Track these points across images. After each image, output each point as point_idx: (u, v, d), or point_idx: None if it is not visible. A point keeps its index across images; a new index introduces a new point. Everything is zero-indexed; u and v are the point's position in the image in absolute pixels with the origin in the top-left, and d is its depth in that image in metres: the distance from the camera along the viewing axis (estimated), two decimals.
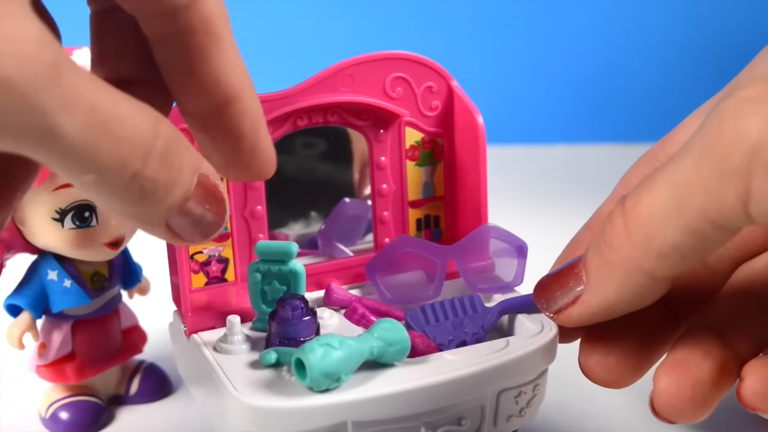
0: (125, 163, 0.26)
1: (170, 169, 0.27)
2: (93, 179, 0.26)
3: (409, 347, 0.33)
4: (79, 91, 0.25)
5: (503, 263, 0.40)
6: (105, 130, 0.25)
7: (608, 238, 0.30)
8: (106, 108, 0.25)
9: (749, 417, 0.43)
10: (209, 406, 0.37)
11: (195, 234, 0.29)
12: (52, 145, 0.24)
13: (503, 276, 0.39)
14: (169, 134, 0.27)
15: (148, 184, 0.26)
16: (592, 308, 0.32)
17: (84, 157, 0.25)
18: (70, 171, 0.26)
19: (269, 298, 0.37)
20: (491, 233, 0.39)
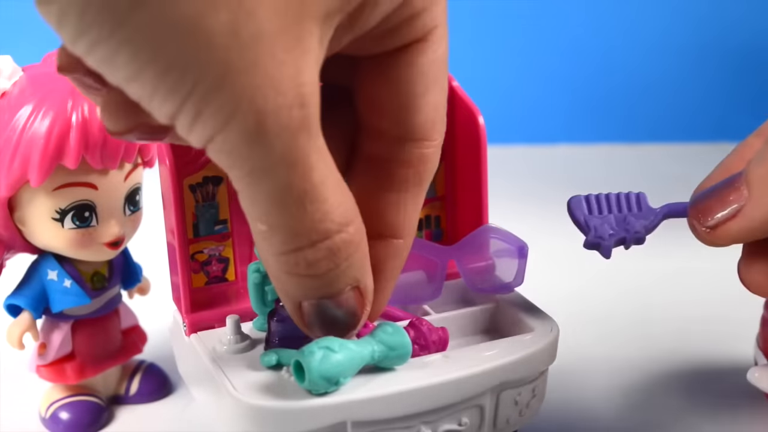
0: (297, 235, 0.27)
1: (335, 268, 0.28)
2: (263, 231, 0.27)
3: (410, 352, 0.33)
4: (308, 158, 0.26)
5: (503, 263, 0.39)
6: (300, 200, 0.26)
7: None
8: (317, 184, 0.27)
9: (750, 417, 0.43)
10: (209, 406, 0.37)
11: (315, 327, 0.30)
12: (253, 185, 0.26)
13: (503, 276, 0.39)
14: (356, 237, 0.28)
15: (303, 264, 0.28)
16: (754, 222, 0.31)
17: (269, 209, 0.27)
18: (252, 210, 0.27)
19: (270, 298, 0.37)
20: (491, 233, 0.39)
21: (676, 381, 0.46)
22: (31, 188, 0.38)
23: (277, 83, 0.25)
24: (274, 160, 0.26)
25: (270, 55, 0.24)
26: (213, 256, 0.38)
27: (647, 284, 0.59)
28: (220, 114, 0.24)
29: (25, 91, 0.38)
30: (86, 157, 0.37)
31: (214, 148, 0.26)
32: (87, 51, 0.24)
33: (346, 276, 0.29)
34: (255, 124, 0.25)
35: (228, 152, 0.26)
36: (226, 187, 0.38)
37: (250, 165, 0.26)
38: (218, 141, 0.25)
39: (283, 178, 0.26)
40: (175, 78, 0.24)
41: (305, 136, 0.26)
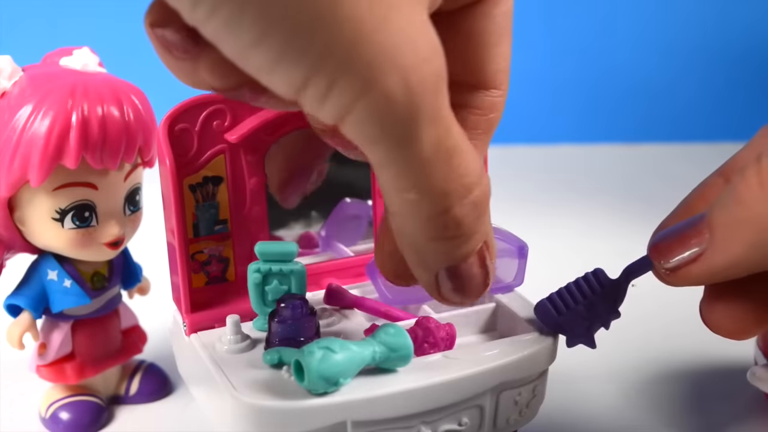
0: (447, 195, 0.27)
1: (475, 220, 0.28)
2: (413, 199, 0.26)
3: (411, 354, 0.33)
4: (446, 112, 0.25)
5: (504, 263, 0.39)
6: (447, 157, 0.26)
7: (740, 194, 0.29)
8: (457, 138, 0.26)
9: (750, 417, 0.43)
10: (209, 406, 0.37)
11: (453, 293, 0.30)
12: (402, 150, 0.25)
13: (504, 276, 0.39)
14: (486, 188, 0.28)
15: (453, 224, 0.27)
16: (715, 267, 0.30)
17: (420, 173, 0.26)
18: (399, 182, 0.26)
19: (270, 298, 0.37)
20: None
21: (676, 381, 0.46)
22: (31, 188, 0.38)
23: (412, 37, 0.24)
24: (422, 120, 0.24)
25: (396, 8, 0.23)
26: (213, 256, 0.38)
27: (647, 284, 0.59)
28: (360, 78, 0.23)
29: (25, 91, 0.38)
30: (86, 157, 0.37)
31: (352, 120, 0.24)
32: (209, 12, 0.22)
33: (481, 233, 0.29)
34: (401, 84, 0.23)
35: (369, 123, 0.24)
36: (226, 187, 0.38)
37: (397, 131, 0.24)
38: (359, 110, 0.24)
39: (432, 138, 0.25)
40: (305, 40, 0.22)
41: (444, 89, 0.25)
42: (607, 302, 0.35)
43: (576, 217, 0.76)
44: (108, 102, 0.38)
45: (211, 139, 0.37)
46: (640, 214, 0.72)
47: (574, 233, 0.71)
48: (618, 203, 0.79)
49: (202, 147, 0.37)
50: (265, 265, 0.36)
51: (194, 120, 0.36)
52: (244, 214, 0.38)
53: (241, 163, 0.38)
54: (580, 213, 0.76)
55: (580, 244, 0.68)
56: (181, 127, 0.36)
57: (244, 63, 0.24)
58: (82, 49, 0.41)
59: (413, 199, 0.26)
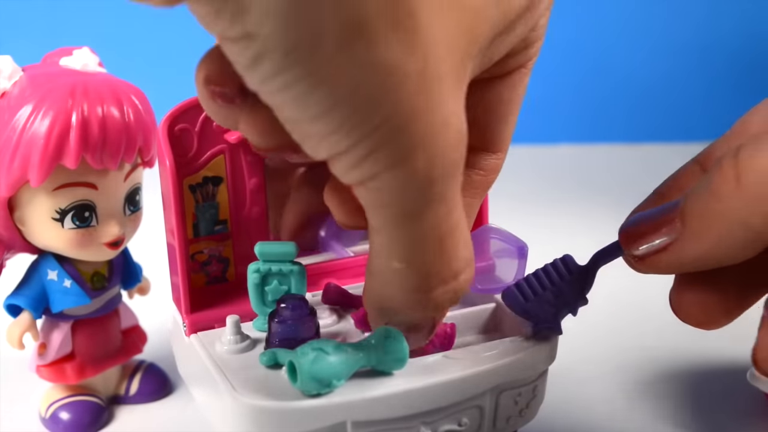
0: (433, 275, 0.28)
1: (451, 304, 0.29)
2: (398, 269, 0.28)
3: (407, 357, 0.33)
4: (453, 194, 0.27)
5: (503, 263, 0.39)
6: (442, 238, 0.27)
7: (716, 186, 0.29)
8: (456, 220, 0.27)
9: (749, 417, 0.43)
10: (209, 406, 0.37)
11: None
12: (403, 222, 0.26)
13: (504, 277, 0.39)
14: (471, 276, 0.29)
15: (431, 305, 0.29)
16: (685, 258, 0.30)
17: (412, 247, 0.27)
18: (390, 250, 0.27)
19: (270, 298, 0.37)
20: (491, 233, 0.39)
21: (676, 381, 0.46)
22: (31, 188, 0.38)
23: (447, 122, 0.25)
24: (429, 200, 0.26)
25: (443, 96, 0.25)
26: (213, 256, 0.38)
27: (647, 284, 0.59)
28: (396, 153, 0.25)
29: (25, 91, 0.38)
30: (86, 157, 0.37)
31: (369, 187, 0.25)
32: (280, 87, 0.24)
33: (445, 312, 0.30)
34: (426, 164, 0.25)
35: (386, 191, 0.25)
36: (226, 187, 0.38)
37: (405, 204, 0.26)
38: (382, 179, 0.25)
39: (432, 219, 0.26)
40: (363, 116, 0.24)
41: (458, 176, 0.27)
42: (576, 289, 0.35)
43: (576, 217, 0.76)
44: (108, 102, 0.38)
45: (211, 139, 0.37)
46: None
47: (574, 233, 0.71)
48: (617, 203, 0.78)
49: (202, 147, 0.37)
50: (265, 265, 0.36)
51: (194, 120, 0.36)
52: (244, 214, 0.38)
53: (241, 164, 0.38)
54: (580, 213, 0.76)
55: (580, 243, 0.68)
56: (181, 127, 0.36)
57: (295, 130, 0.25)
58: (82, 49, 0.41)
59: (398, 269, 0.28)
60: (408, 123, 0.24)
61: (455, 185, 0.27)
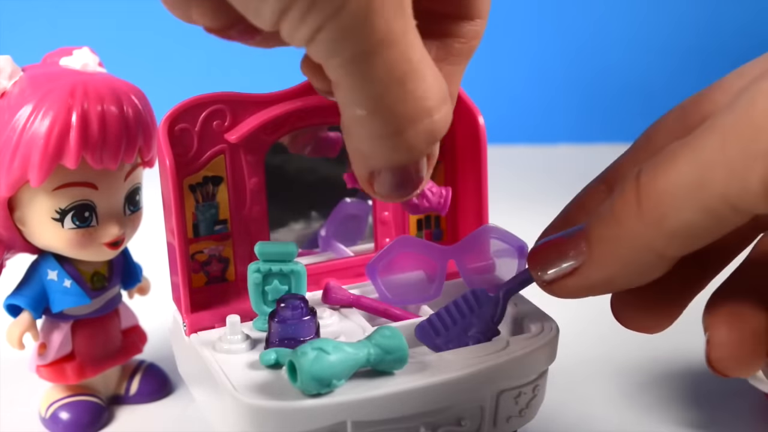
0: (400, 117, 0.28)
1: (425, 147, 0.29)
2: (361, 115, 0.28)
3: (407, 357, 0.33)
4: (404, 38, 0.27)
5: (503, 263, 0.39)
6: (401, 81, 0.27)
7: (617, 211, 0.28)
8: (416, 64, 0.27)
9: (750, 417, 0.43)
10: (209, 406, 0.37)
11: (386, 193, 0.31)
12: (355, 67, 0.27)
13: (504, 276, 0.39)
14: (447, 116, 0.29)
15: (403, 147, 0.28)
16: (591, 282, 0.30)
17: (370, 92, 0.27)
18: (351, 97, 0.27)
19: (270, 298, 0.37)
20: (491, 233, 0.39)
21: (676, 381, 0.46)
22: (31, 188, 0.38)
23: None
24: (377, 40, 0.26)
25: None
26: (213, 256, 0.38)
27: None
28: (332, 2, 0.25)
29: (25, 91, 0.38)
30: (86, 157, 0.37)
31: (319, 39, 0.26)
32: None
33: (427, 152, 0.30)
34: (363, 6, 0.25)
35: (332, 41, 0.26)
36: (226, 187, 0.38)
37: (354, 49, 0.26)
38: (326, 30, 0.26)
39: (385, 59, 0.27)
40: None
41: (405, 14, 0.27)
42: (486, 320, 0.35)
43: None
44: (108, 102, 0.38)
45: (211, 139, 0.37)
46: None
47: None
48: None
49: (202, 147, 0.37)
50: (265, 265, 0.36)
51: (194, 120, 0.36)
52: (244, 214, 0.38)
53: (241, 163, 0.38)
54: None
55: None
56: (181, 127, 0.36)
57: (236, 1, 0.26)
58: (82, 49, 0.41)
59: (361, 116, 0.28)
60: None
61: (405, 24, 0.27)
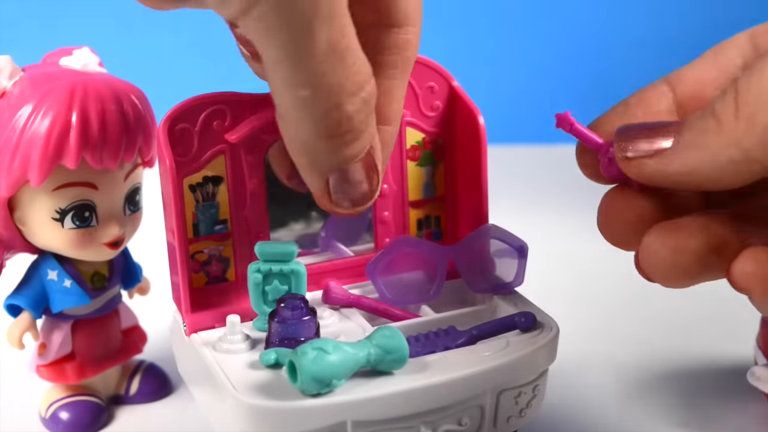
0: (339, 92, 0.28)
1: (364, 118, 0.30)
2: (306, 95, 0.28)
3: (407, 357, 0.33)
4: (342, 12, 0.27)
5: (504, 264, 0.39)
6: (342, 56, 0.28)
7: (717, 112, 0.29)
8: (351, 39, 0.28)
9: (749, 417, 0.43)
10: (209, 406, 0.37)
11: (344, 199, 0.32)
12: (299, 45, 0.27)
13: (504, 276, 0.39)
14: (374, 88, 0.30)
15: (345, 120, 0.29)
16: (670, 168, 0.30)
17: (314, 69, 0.28)
18: (294, 78, 0.28)
19: (270, 298, 0.37)
20: (492, 233, 0.39)
21: (676, 381, 0.46)
22: (31, 188, 0.38)
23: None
24: (319, 17, 0.26)
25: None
26: (213, 256, 0.38)
27: (647, 284, 0.59)
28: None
29: (25, 91, 0.38)
30: (86, 157, 0.37)
31: (256, 14, 0.26)
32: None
33: (368, 132, 0.30)
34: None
35: (267, 20, 0.26)
36: (226, 187, 0.38)
37: (295, 27, 0.26)
38: (262, 6, 0.26)
39: (328, 36, 0.27)
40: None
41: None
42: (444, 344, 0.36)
43: (576, 216, 0.75)
44: (108, 102, 0.38)
45: (211, 139, 0.37)
46: None
47: (574, 233, 0.71)
48: None
49: (202, 147, 0.37)
50: (265, 265, 0.36)
51: (194, 120, 0.36)
52: (244, 214, 0.38)
53: (241, 163, 0.38)
54: (580, 213, 0.76)
55: (581, 244, 0.68)
56: (181, 127, 0.36)
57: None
58: (82, 49, 0.41)
59: (305, 96, 0.28)
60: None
61: (340, 2, 0.27)
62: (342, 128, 0.29)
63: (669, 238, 0.31)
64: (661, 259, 0.31)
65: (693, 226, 0.31)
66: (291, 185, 0.38)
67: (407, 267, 0.40)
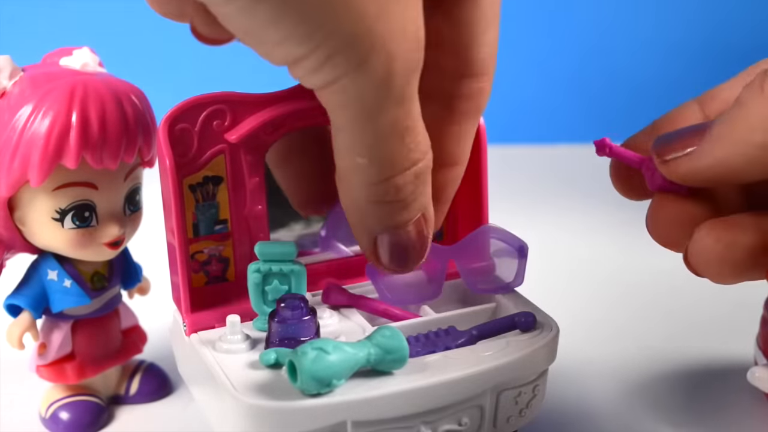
0: (393, 165, 0.30)
1: (414, 189, 0.31)
2: (362, 163, 0.30)
3: (407, 357, 0.33)
4: (412, 95, 0.29)
5: (503, 263, 0.40)
6: (402, 135, 0.30)
7: (744, 99, 0.30)
8: (415, 119, 0.30)
9: (750, 417, 0.43)
10: (209, 406, 0.37)
11: (390, 259, 0.33)
12: (365, 121, 0.29)
13: (504, 276, 0.39)
14: (429, 162, 0.31)
15: (393, 190, 0.31)
16: (703, 162, 0.31)
17: (374, 143, 0.29)
18: (354, 147, 0.30)
19: (270, 298, 0.37)
20: (491, 233, 0.39)
21: (676, 381, 0.46)
22: (31, 188, 0.38)
23: (404, 28, 0.27)
24: (390, 100, 0.28)
25: (399, 2, 0.27)
26: (213, 256, 0.38)
27: (647, 284, 0.59)
28: (353, 58, 0.26)
29: (25, 91, 0.38)
30: (86, 157, 0.37)
31: (332, 89, 0.27)
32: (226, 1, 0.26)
33: (419, 203, 0.32)
34: (385, 67, 0.27)
35: (346, 93, 0.27)
36: (226, 187, 0.38)
37: (367, 105, 0.28)
38: (342, 83, 0.27)
39: (393, 116, 0.29)
40: (315, 23, 0.26)
41: (417, 77, 0.29)
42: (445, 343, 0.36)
43: (576, 217, 0.76)
44: (108, 102, 0.38)
45: (211, 139, 0.37)
46: (639, 213, 0.72)
47: (575, 233, 0.71)
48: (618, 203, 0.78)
49: (202, 147, 0.37)
50: (265, 265, 0.36)
51: (194, 120, 0.36)
52: (244, 214, 0.38)
53: (241, 163, 0.38)
54: (581, 213, 0.76)
55: (581, 244, 0.68)
56: (181, 127, 0.36)
57: (248, 37, 0.27)
58: (82, 49, 0.41)
59: (361, 164, 0.30)
60: (361, 29, 0.26)
61: (413, 86, 0.29)
62: (390, 197, 0.31)
63: (723, 233, 0.31)
64: (715, 254, 0.31)
65: (745, 222, 0.31)
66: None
67: None
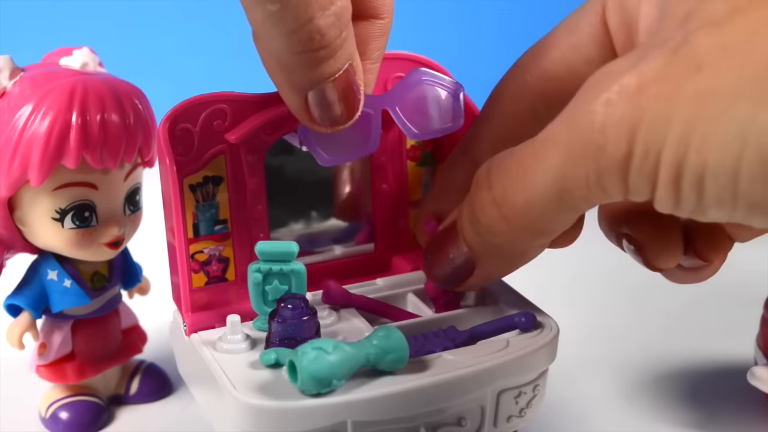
0: (308, 6, 0.28)
1: (337, 33, 0.29)
2: (275, 10, 0.28)
3: (407, 356, 0.33)
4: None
5: (441, 107, 0.38)
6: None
7: (487, 225, 0.31)
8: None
9: (750, 417, 0.43)
10: (209, 406, 0.37)
11: (324, 118, 0.32)
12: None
13: (443, 120, 0.37)
14: (348, 5, 0.30)
15: (317, 36, 0.29)
16: (490, 277, 0.35)
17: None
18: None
19: (270, 298, 0.37)
20: (424, 76, 0.37)
21: (676, 381, 0.46)
22: (31, 188, 0.38)
23: None
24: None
25: None
26: (213, 256, 0.38)
27: (647, 284, 0.59)
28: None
29: (25, 91, 0.38)
30: (86, 157, 0.37)
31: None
32: None
33: (345, 50, 0.30)
34: None
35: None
36: (226, 187, 0.38)
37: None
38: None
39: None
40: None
41: None
42: (441, 343, 0.36)
43: None
44: (108, 102, 0.38)
45: (212, 139, 0.37)
46: None
47: None
48: None
49: (203, 147, 0.37)
50: (265, 265, 0.36)
51: (194, 120, 0.36)
52: (244, 214, 0.38)
53: (241, 163, 0.38)
54: None
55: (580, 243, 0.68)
56: (182, 126, 0.36)
57: None
58: (82, 49, 0.41)
59: (275, 11, 0.28)
60: None
61: None
62: (314, 44, 0.29)
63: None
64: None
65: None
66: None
67: None
